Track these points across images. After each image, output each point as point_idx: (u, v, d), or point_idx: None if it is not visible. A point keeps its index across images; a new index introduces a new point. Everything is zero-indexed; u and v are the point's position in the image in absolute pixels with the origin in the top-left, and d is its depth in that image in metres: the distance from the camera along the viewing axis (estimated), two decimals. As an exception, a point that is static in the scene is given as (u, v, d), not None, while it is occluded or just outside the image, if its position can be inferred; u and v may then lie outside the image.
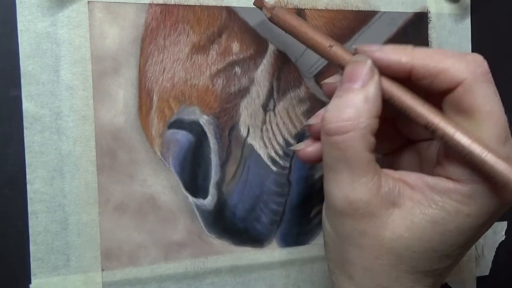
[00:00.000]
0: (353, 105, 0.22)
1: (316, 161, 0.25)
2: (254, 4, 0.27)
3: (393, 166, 0.28)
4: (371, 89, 0.22)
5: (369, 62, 0.22)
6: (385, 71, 0.23)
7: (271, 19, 0.26)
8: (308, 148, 0.25)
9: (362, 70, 0.22)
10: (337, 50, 0.24)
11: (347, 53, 0.24)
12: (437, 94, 0.23)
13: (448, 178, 0.22)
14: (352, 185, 0.22)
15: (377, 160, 0.23)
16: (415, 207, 0.22)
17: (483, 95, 0.22)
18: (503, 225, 0.36)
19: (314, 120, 0.25)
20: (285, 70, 0.31)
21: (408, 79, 0.23)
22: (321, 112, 0.25)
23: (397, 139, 0.27)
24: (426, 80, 0.22)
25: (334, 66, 0.25)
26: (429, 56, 0.22)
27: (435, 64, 0.22)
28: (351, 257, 0.23)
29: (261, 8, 0.27)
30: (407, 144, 0.28)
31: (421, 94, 0.23)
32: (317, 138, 0.25)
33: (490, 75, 0.22)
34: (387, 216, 0.22)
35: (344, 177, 0.22)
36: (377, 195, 0.22)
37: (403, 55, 0.22)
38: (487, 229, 0.24)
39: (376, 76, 0.22)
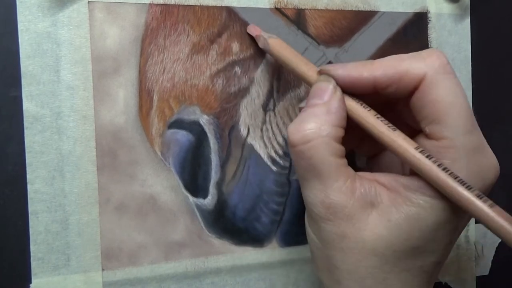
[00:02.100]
0: (315, 116, 0.23)
1: None
2: (248, 31, 0.29)
3: (376, 168, 0.29)
4: (333, 103, 0.23)
5: (332, 80, 0.24)
6: (351, 88, 0.24)
7: (264, 49, 0.29)
8: None
9: (325, 88, 0.24)
10: (314, 75, 0.26)
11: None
12: (405, 98, 0.24)
13: None
14: (325, 191, 0.23)
15: (354, 165, 0.24)
16: (392, 206, 0.23)
17: (445, 86, 0.22)
18: (503, 225, 0.36)
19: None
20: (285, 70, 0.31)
21: (375, 92, 0.24)
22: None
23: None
24: (391, 88, 0.23)
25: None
26: (388, 64, 0.23)
27: (394, 70, 0.23)
28: (335, 262, 0.23)
29: (256, 38, 0.29)
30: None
31: (390, 102, 0.25)
32: None
33: (449, 66, 0.23)
34: (366, 216, 0.23)
35: (316, 184, 0.23)
36: (352, 197, 0.22)
37: (364, 70, 0.23)
38: (468, 221, 0.24)
39: (339, 93, 0.24)
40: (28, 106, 0.26)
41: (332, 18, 0.32)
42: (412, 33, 0.33)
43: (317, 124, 0.23)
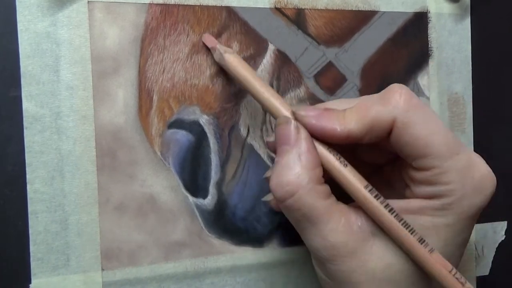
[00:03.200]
0: (289, 166, 0.23)
1: None
2: (203, 41, 0.28)
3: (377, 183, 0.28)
4: (302, 144, 0.23)
5: (292, 121, 0.24)
6: (323, 139, 0.24)
7: (219, 63, 0.28)
8: None
9: (289, 130, 0.23)
10: (275, 103, 0.25)
11: (283, 107, 0.25)
12: (382, 140, 0.24)
13: (419, 197, 0.23)
14: (322, 235, 0.23)
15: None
16: None
17: (416, 123, 0.22)
18: (503, 225, 0.36)
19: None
20: (285, 70, 0.31)
21: (349, 142, 0.24)
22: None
23: (362, 167, 0.27)
24: (365, 138, 0.23)
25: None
26: (358, 115, 0.23)
27: (364, 120, 0.23)
28: None
29: (212, 49, 0.28)
30: (374, 171, 0.28)
31: (367, 146, 0.25)
32: None
33: (414, 99, 0.23)
34: (369, 248, 0.23)
35: (312, 231, 0.23)
36: (350, 233, 0.23)
37: (337, 124, 0.23)
38: (471, 230, 0.24)
39: (303, 131, 0.23)
40: (28, 106, 0.26)
41: (332, 18, 0.32)
42: (412, 33, 0.33)
43: (294, 174, 0.22)
